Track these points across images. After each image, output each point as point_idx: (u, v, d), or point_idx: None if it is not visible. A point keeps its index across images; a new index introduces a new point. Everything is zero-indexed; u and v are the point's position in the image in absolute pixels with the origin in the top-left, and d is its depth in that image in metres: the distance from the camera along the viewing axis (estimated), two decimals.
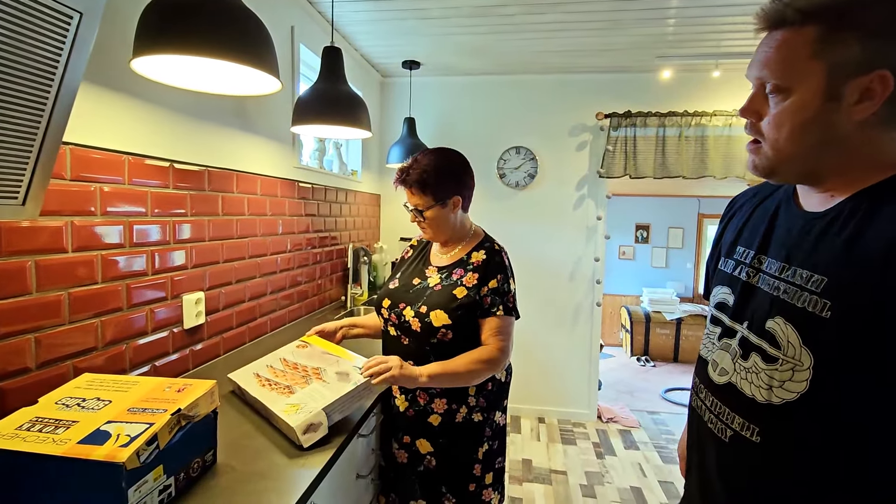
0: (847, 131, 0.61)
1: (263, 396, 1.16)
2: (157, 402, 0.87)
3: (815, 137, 0.63)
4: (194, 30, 0.89)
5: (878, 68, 0.57)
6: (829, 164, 0.64)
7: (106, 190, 1.16)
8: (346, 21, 2.40)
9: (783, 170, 0.68)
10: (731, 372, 0.72)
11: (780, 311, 0.65)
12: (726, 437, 0.72)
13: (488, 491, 1.35)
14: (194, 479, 0.90)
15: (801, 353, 0.62)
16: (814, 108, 0.61)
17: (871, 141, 0.61)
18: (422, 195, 1.30)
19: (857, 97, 0.59)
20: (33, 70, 0.67)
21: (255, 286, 1.85)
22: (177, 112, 1.40)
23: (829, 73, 0.60)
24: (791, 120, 0.63)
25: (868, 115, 0.59)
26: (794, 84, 0.62)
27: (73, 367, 1.09)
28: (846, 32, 0.58)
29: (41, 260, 1.01)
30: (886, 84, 0.57)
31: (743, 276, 0.75)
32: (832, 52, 0.59)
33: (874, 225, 0.58)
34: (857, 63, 0.58)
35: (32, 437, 0.77)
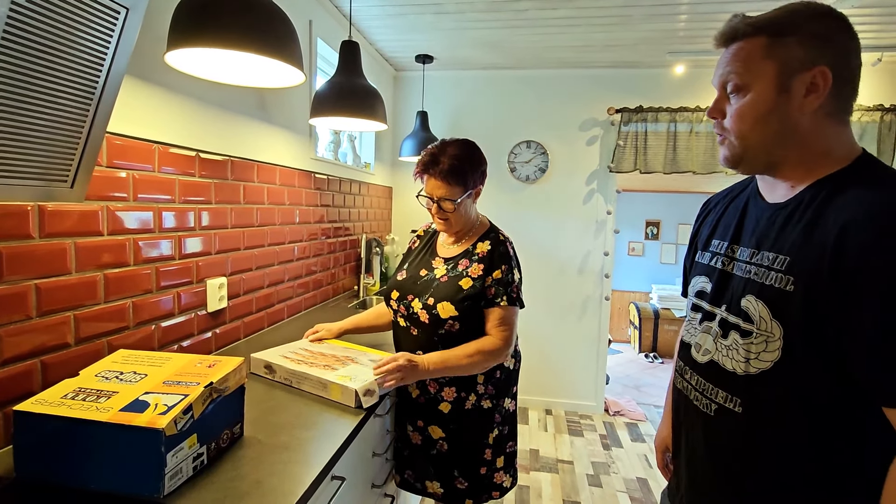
0: (800, 122, 0.71)
1: (305, 369, 1.26)
2: (190, 376, 0.93)
3: (773, 127, 0.72)
4: (227, 24, 0.93)
5: (818, 65, 0.68)
6: (787, 155, 0.73)
7: (137, 177, 1.21)
8: (363, 16, 2.44)
9: (749, 158, 0.76)
10: (713, 351, 0.80)
11: (751, 290, 0.73)
12: (711, 412, 0.79)
13: (500, 474, 1.39)
14: (224, 449, 0.96)
15: (771, 326, 0.70)
16: (770, 101, 0.71)
17: (823, 132, 0.71)
18: (454, 185, 1.28)
19: (804, 90, 0.69)
20: (85, 60, 0.72)
21: (274, 273, 1.90)
22: (203, 103, 1.45)
23: (779, 70, 0.70)
24: (752, 112, 0.72)
25: (816, 107, 0.69)
26: (752, 81, 0.72)
27: (108, 345, 1.15)
28: (789, 38, 0.70)
29: (80, 242, 1.07)
30: (826, 78, 0.68)
31: (719, 265, 0.83)
32: (780, 53, 0.70)
33: (828, 212, 0.67)
34: (800, 61, 0.69)
35: (77, 405, 0.83)
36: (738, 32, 0.73)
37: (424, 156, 1.33)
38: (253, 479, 0.88)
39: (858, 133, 2.83)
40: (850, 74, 0.70)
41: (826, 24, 0.70)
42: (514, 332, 1.31)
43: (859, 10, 2.20)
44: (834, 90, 0.69)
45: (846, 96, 0.71)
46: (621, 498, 2.39)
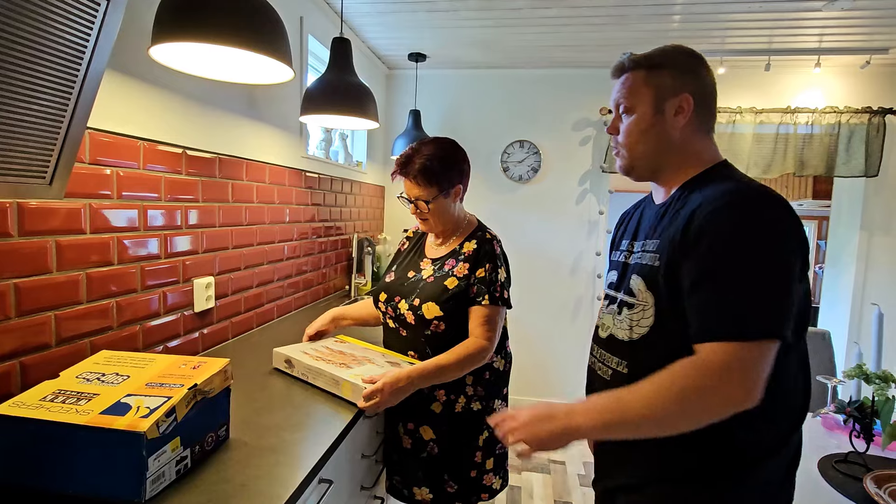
0: (674, 137, 0.89)
1: (322, 365, 1.26)
2: (174, 378, 0.91)
3: (652, 141, 0.90)
4: (212, 18, 0.91)
5: (683, 92, 0.88)
6: (665, 164, 0.91)
7: (121, 174, 1.19)
8: (354, 13, 2.42)
9: (637, 167, 0.94)
10: (611, 326, 0.95)
11: (636, 271, 0.90)
12: (608, 377, 0.93)
13: (489, 476, 1.38)
14: (208, 451, 0.94)
15: (646, 296, 0.86)
16: (649, 120, 0.90)
17: (691, 145, 0.90)
18: (427, 186, 1.29)
19: (674, 112, 0.88)
20: (63, 54, 0.70)
21: (263, 273, 1.88)
22: (190, 100, 1.43)
23: (654, 95, 0.89)
24: (636, 129, 0.91)
25: (683, 125, 0.88)
26: (636, 104, 0.91)
27: (90, 345, 1.13)
28: (662, 70, 0.89)
29: (61, 240, 1.04)
30: (689, 102, 0.88)
31: (622, 259, 0.99)
32: (655, 81, 0.89)
33: (686, 205, 0.84)
34: (670, 88, 0.88)
35: (56, 408, 0.80)
36: (626, 66, 0.92)
37: (400, 157, 1.33)
38: (238, 482, 0.86)
39: (847, 135, 2.86)
40: (707, 100, 0.90)
41: (688, 62, 0.90)
42: (496, 333, 1.28)
43: (848, 13, 2.22)
44: (696, 111, 0.88)
45: (706, 117, 0.90)
46: None
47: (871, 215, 3.00)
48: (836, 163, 2.88)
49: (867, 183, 2.96)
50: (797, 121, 2.90)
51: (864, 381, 1.34)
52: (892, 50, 2.62)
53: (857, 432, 1.31)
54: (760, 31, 2.48)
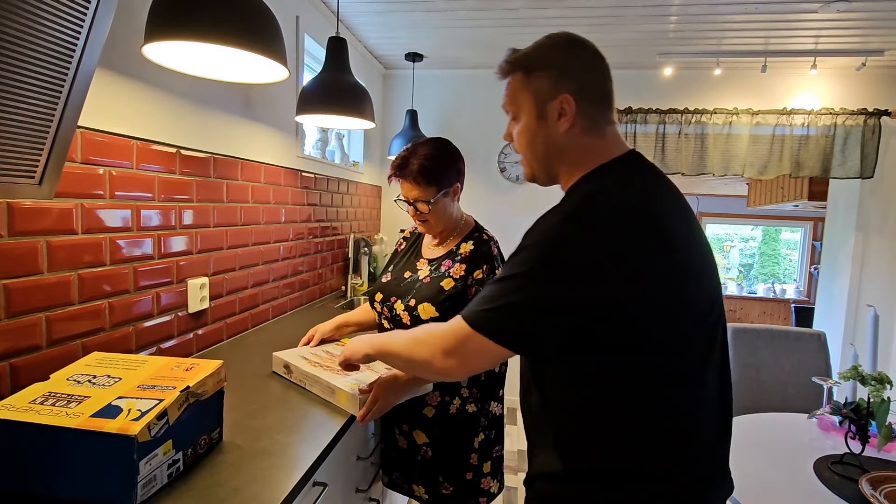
0: (559, 141, 0.82)
1: (319, 372, 1.24)
2: (166, 380, 0.90)
3: (540, 148, 0.84)
4: (205, 16, 0.90)
5: (561, 93, 0.79)
6: (558, 167, 0.85)
7: (114, 174, 1.18)
8: (351, 12, 2.41)
9: (537, 175, 0.89)
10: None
11: None
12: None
13: (487, 479, 1.37)
14: (201, 455, 0.93)
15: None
16: (534, 127, 0.83)
17: (580, 147, 0.83)
18: (426, 186, 1.28)
19: (556, 115, 0.81)
20: (52, 52, 0.69)
21: (258, 273, 1.87)
22: (184, 99, 1.41)
23: (534, 100, 0.82)
24: (524, 136, 0.85)
25: (568, 128, 0.81)
26: (520, 111, 0.85)
27: (82, 346, 1.11)
28: (537, 72, 0.82)
29: (52, 241, 1.03)
30: (570, 103, 0.80)
31: None
32: (532, 86, 0.82)
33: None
34: (548, 90, 0.80)
35: (46, 411, 0.79)
36: (504, 70, 0.87)
37: (396, 159, 1.32)
38: (231, 486, 0.85)
39: (843, 136, 2.87)
40: (594, 95, 0.81)
41: (565, 57, 0.82)
42: None
43: (844, 16, 2.22)
44: (581, 111, 0.80)
45: (595, 114, 0.82)
46: None
47: (867, 217, 3.01)
48: (832, 164, 2.89)
49: (863, 184, 2.97)
50: (793, 122, 2.91)
51: (860, 383, 1.34)
52: (888, 52, 2.63)
53: (852, 434, 1.31)
54: (757, 33, 2.48)
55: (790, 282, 7.06)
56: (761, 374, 2.17)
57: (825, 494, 1.19)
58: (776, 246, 7.45)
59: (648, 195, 0.76)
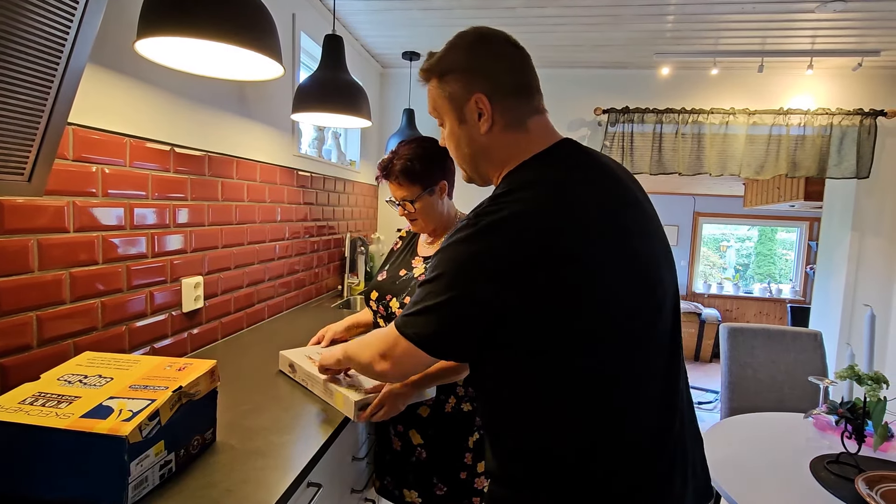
0: (484, 141, 0.81)
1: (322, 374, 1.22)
2: (159, 380, 0.89)
3: (467, 150, 0.84)
4: (199, 12, 0.89)
5: (474, 93, 0.79)
6: (487, 168, 0.85)
7: (107, 172, 1.17)
8: (348, 10, 2.40)
9: (472, 176, 0.89)
10: None
11: None
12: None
13: (481, 479, 1.36)
14: (194, 455, 0.92)
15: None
16: (457, 131, 0.83)
17: (504, 144, 0.81)
18: (410, 185, 1.28)
19: (475, 116, 0.80)
20: (41, 48, 0.68)
21: (254, 272, 1.86)
22: (178, 96, 1.40)
23: (451, 104, 0.82)
24: (451, 142, 0.86)
25: (490, 126, 0.79)
26: (443, 117, 0.85)
27: (74, 346, 1.10)
28: (448, 76, 0.81)
29: (43, 239, 1.02)
30: (484, 102, 0.78)
31: None
32: (447, 91, 0.82)
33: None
34: (462, 93, 0.80)
35: (36, 411, 0.78)
36: (421, 78, 0.87)
37: (381, 161, 1.32)
38: (224, 487, 0.84)
39: (839, 137, 2.87)
40: (509, 90, 0.80)
41: (470, 56, 0.80)
42: None
43: (840, 16, 2.23)
44: (498, 108, 0.79)
45: (515, 107, 0.80)
46: None
47: (863, 216, 3.02)
48: (828, 164, 2.90)
49: (859, 184, 2.98)
50: (790, 122, 2.91)
51: (856, 382, 1.34)
52: (885, 52, 2.64)
53: (848, 433, 1.31)
54: (753, 33, 2.48)
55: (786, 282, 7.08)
56: (758, 373, 2.18)
57: (821, 494, 1.19)
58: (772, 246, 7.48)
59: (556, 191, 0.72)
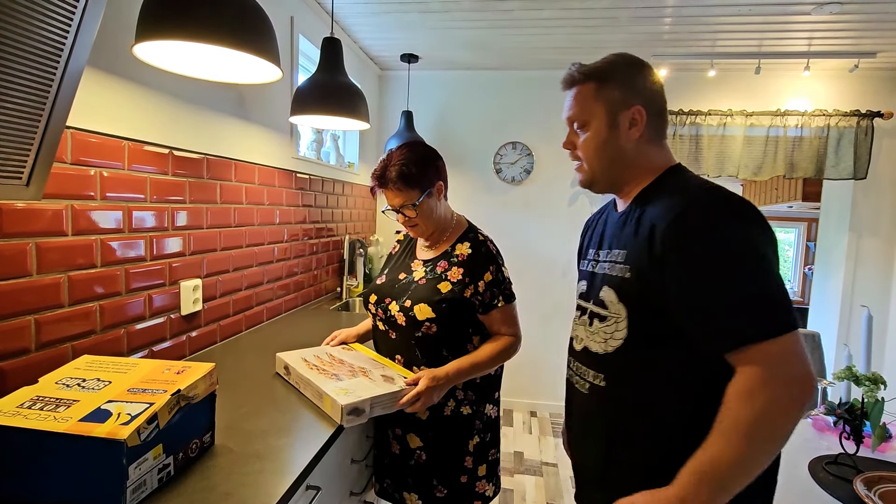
0: (629, 149, 0.90)
1: (312, 376, 1.22)
2: (157, 384, 0.89)
3: (609, 155, 0.90)
4: (197, 16, 0.90)
5: (635, 104, 0.87)
6: (622, 175, 0.92)
7: (105, 175, 1.17)
8: (346, 13, 2.40)
9: (596, 181, 0.94)
10: (584, 338, 0.95)
11: (605, 282, 0.90)
12: (586, 390, 0.93)
13: (482, 483, 1.36)
14: (192, 458, 0.92)
15: (619, 308, 0.86)
16: (604, 134, 0.89)
17: (645, 155, 0.90)
18: (408, 191, 1.27)
19: (627, 124, 0.88)
20: (39, 51, 0.68)
21: (252, 275, 1.86)
22: (176, 99, 1.40)
23: (607, 110, 0.88)
24: (593, 144, 0.91)
25: (637, 137, 0.89)
26: (590, 119, 0.90)
27: (72, 349, 1.10)
28: (611, 84, 0.88)
29: (41, 242, 1.02)
30: (642, 114, 0.88)
31: (589, 268, 0.99)
32: (606, 96, 0.89)
33: (645, 214, 0.85)
34: (621, 101, 0.88)
35: (34, 415, 0.78)
36: (575, 79, 0.92)
37: (374, 173, 1.32)
38: (222, 490, 0.84)
39: (836, 138, 2.89)
40: (658, 109, 0.90)
41: (636, 72, 0.89)
42: (518, 325, 1.36)
43: (837, 18, 2.24)
44: (649, 122, 0.88)
45: (658, 125, 0.91)
46: None
47: (860, 217, 3.03)
48: (826, 165, 2.91)
49: (856, 185, 2.99)
50: (787, 123, 2.92)
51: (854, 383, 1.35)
52: (880, 54, 2.65)
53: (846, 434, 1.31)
54: (750, 35, 2.49)
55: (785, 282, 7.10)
56: None
57: (820, 495, 1.19)
58: None
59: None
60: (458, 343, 1.30)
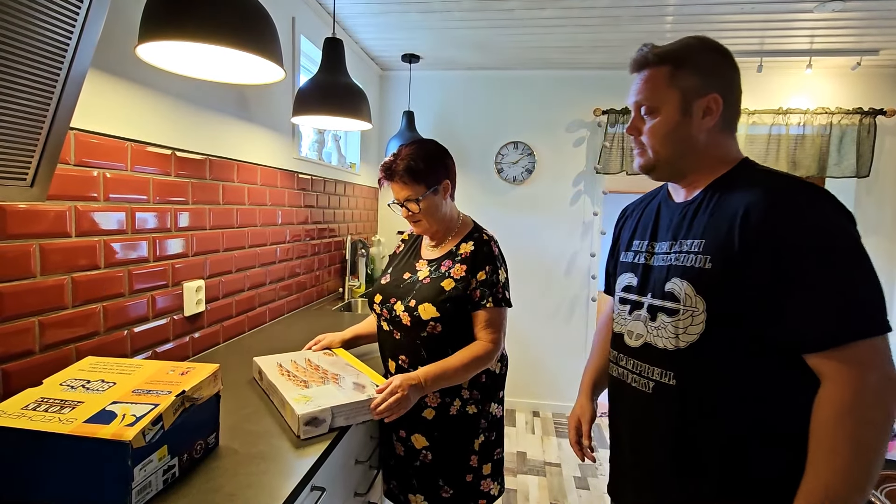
0: (699, 138, 0.85)
1: (279, 383, 1.17)
2: (162, 385, 0.89)
3: (678, 143, 0.86)
4: (199, 16, 0.89)
5: (711, 92, 0.83)
6: (689, 163, 0.87)
7: (108, 176, 1.17)
8: (347, 13, 2.40)
9: (660, 168, 0.89)
10: (644, 334, 0.89)
11: (675, 274, 0.84)
12: (650, 390, 0.87)
13: (487, 481, 1.36)
14: (197, 460, 0.92)
15: (696, 301, 0.80)
16: (675, 122, 0.85)
17: (718, 143, 0.86)
18: (414, 185, 1.28)
19: (702, 113, 0.84)
20: (43, 53, 0.68)
21: (255, 275, 1.86)
22: (179, 100, 1.40)
23: (681, 97, 0.84)
24: (662, 131, 0.86)
25: (711, 126, 0.84)
26: (660, 105, 0.85)
27: (76, 351, 1.10)
28: (687, 69, 0.83)
29: (45, 244, 1.02)
30: (718, 103, 0.83)
31: (641, 261, 0.94)
32: (681, 82, 0.84)
33: (727, 202, 0.80)
34: (697, 89, 0.83)
35: (38, 417, 0.78)
36: (648, 61, 0.86)
37: (383, 164, 1.32)
38: (227, 491, 0.84)
39: (839, 136, 2.88)
40: (734, 98, 0.86)
41: (714, 59, 0.85)
42: (502, 334, 1.29)
43: (839, 15, 2.23)
44: (724, 112, 0.84)
45: (732, 116, 0.87)
46: (608, 500, 2.38)
47: (863, 215, 3.02)
48: (828, 163, 2.90)
49: (858, 183, 2.98)
50: (789, 122, 2.92)
51: None
52: (883, 52, 2.64)
53: None
54: (752, 33, 2.49)
55: None
56: None
57: None
58: None
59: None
60: (464, 343, 1.29)
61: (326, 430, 1.05)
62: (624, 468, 0.98)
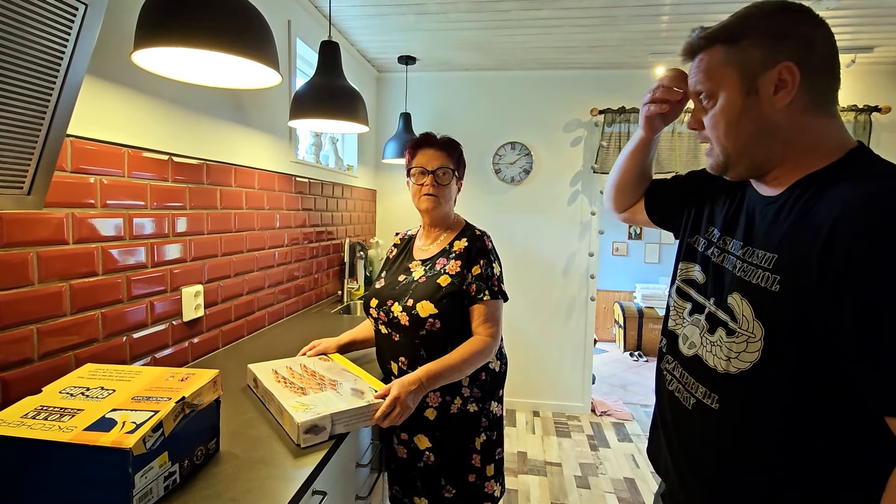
0: (776, 120, 0.69)
1: (276, 390, 1.15)
2: (161, 391, 0.89)
3: (747, 130, 0.71)
4: (195, 22, 0.89)
5: (781, 61, 0.66)
6: (769, 154, 0.71)
7: (105, 182, 1.16)
8: (343, 16, 2.40)
9: (732, 164, 0.75)
10: (698, 345, 0.79)
11: (737, 287, 0.72)
12: (689, 405, 0.79)
13: (490, 482, 1.36)
14: (198, 466, 0.92)
15: (753, 326, 0.68)
16: (738, 104, 0.70)
17: (805, 127, 0.69)
18: (448, 157, 1.34)
19: (772, 88, 0.68)
20: (39, 61, 0.68)
21: (253, 280, 1.86)
22: (175, 105, 1.40)
23: (740, 74, 0.70)
24: (724, 118, 0.72)
25: (788, 103, 0.67)
26: (717, 88, 0.72)
27: (75, 358, 1.10)
28: (744, 41, 0.69)
29: (43, 251, 1.01)
30: (793, 72, 0.66)
31: (713, 257, 0.81)
32: (738, 58, 0.70)
33: (818, 208, 0.64)
34: (760, 61, 0.68)
35: (38, 425, 0.78)
36: (696, 46, 0.75)
37: (416, 137, 1.39)
38: (229, 496, 0.84)
39: None
40: (820, 63, 0.67)
41: (778, 21, 0.68)
42: (499, 327, 1.31)
43: (833, 13, 2.24)
44: (805, 83, 0.66)
45: (822, 87, 0.68)
46: (609, 499, 2.38)
47: None
48: None
49: None
50: None
51: None
52: (877, 49, 2.65)
53: None
54: None
55: None
56: None
57: None
58: None
59: None
60: (462, 340, 1.29)
61: (326, 438, 1.04)
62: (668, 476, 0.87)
